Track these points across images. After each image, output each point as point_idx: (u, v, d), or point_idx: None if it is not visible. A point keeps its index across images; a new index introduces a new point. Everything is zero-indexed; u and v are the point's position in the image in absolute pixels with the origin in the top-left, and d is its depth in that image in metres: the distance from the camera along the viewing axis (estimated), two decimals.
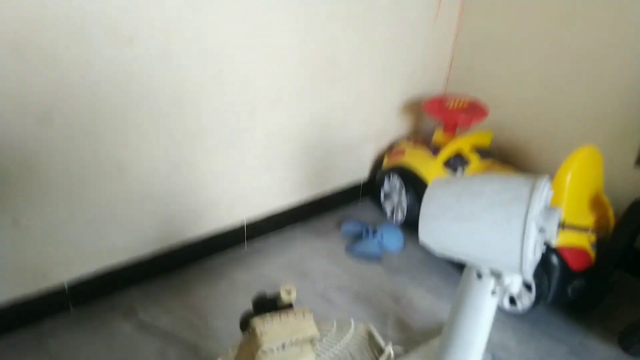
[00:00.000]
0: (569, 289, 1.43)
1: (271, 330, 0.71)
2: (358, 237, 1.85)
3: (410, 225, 1.89)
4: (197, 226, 1.60)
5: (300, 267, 1.70)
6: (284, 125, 1.63)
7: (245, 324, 0.86)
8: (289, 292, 0.81)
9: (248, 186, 1.65)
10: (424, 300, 1.59)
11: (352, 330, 0.81)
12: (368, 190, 2.08)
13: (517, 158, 1.94)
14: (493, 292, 1.02)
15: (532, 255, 0.86)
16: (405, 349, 1.34)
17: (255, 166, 1.63)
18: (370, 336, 0.82)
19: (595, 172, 1.50)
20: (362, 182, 2.05)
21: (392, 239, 1.83)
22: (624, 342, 1.41)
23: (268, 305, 0.84)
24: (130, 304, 1.49)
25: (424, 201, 0.97)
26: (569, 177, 1.39)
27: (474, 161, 1.74)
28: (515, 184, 0.89)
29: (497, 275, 0.97)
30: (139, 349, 1.35)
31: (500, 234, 0.87)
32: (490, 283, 1.00)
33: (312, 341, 0.75)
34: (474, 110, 1.81)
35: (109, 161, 1.29)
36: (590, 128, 1.72)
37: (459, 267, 1.63)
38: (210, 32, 1.31)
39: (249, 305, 1.48)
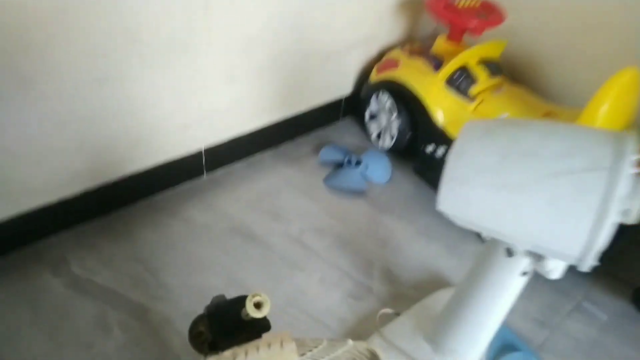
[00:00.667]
0: None
1: None
2: (338, 166, 1.57)
3: (399, 153, 1.62)
4: (142, 156, 1.28)
5: (270, 203, 1.43)
6: (250, 25, 1.25)
7: (197, 339, 0.60)
8: (258, 306, 0.54)
9: (205, 105, 1.31)
10: (414, 244, 1.38)
11: (346, 347, 0.57)
12: (351, 108, 1.77)
13: (530, 75, 1.63)
14: (524, 273, 0.78)
15: (603, 243, 0.61)
16: (397, 311, 1.15)
17: (213, 79, 1.28)
18: (374, 356, 0.58)
19: (632, 101, 1.24)
20: (344, 98, 1.73)
21: (378, 170, 1.57)
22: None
23: (228, 316, 0.58)
24: (60, 255, 1.20)
25: (451, 158, 0.69)
26: (604, 109, 1.12)
27: (482, 78, 1.44)
28: (591, 143, 0.60)
29: (536, 258, 0.73)
30: (73, 313, 1.09)
31: (562, 214, 0.61)
32: (522, 262, 0.77)
33: None
34: (489, 13, 1.46)
35: (9, 73, 0.92)
36: (625, 45, 1.42)
37: None
38: None
39: (209, 255, 1.22)
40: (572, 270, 1.30)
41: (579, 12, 1.47)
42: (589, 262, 0.63)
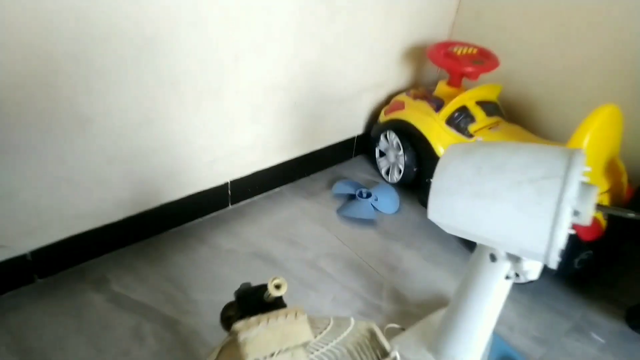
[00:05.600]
0: (576, 260, 1.33)
1: (257, 337, 0.59)
2: (351, 198, 1.72)
3: (407, 186, 1.77)
4: (175, 187, 1.45)
5: (288, 231, 1.58)
6: (272, 72, 1.45)
7: (227, 322, 0.73)
8: (277, 287, 0.68)
9: (231, 142, 1.49)
10: (420, 269, 1.49)
11: (350, 327, 0.69)
12: (362, 146, 1.93)
13: (526, 115, 1.79)
14: (508, 277, 0.90)
15: (562, 241, 0.74)
16: (402, 326, 1.25)
17: (240, 119, 1.46)
18: (373, 335, 0.70)
19: (614, 135, 1.37)
20: (356, 138, 1.90)
21: (387, 201, 1.71)
22: (633, 321, 1.34)
23: (253, 299, 0.71)
24: (102, 274, 1.36)
25: (436, 173, 0.83)
26: (587, 140, 1.25)
27: (480, 118, 1.60)
28: (548, 157, 0.74)
29: (514, 260, 0.85)
30: (112, 325, 1.23)
31: (527, 216, 0.74)
32: (505, 267, 0.89)
33: (305, 346, 0.63)
34: (484, 60, 1.64)
35: (70, 114, 1.11)
36: (608, 85, 1.57)
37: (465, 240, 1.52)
38: None
39: (233, 276, 1.35)
40: (570, 292, 1.40)
41: (567, 57, 1.64)
42: (554, 258, 0.75)
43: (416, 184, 1.72)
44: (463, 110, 1.61)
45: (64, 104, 1.09)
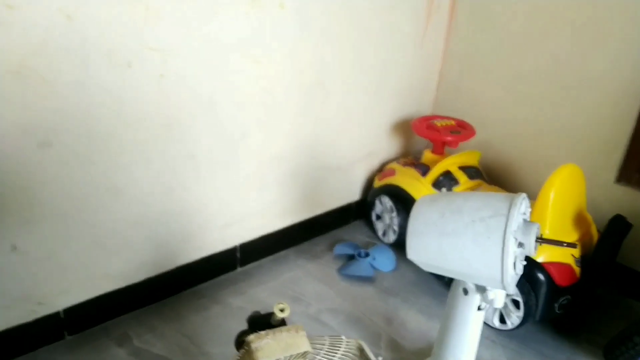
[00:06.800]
0: (556, 305, 1.45)
1: (266, 346, 0.74)
2: (350, 258, 1.87)
3: (402, 245, 1.91)
4: (190, 250, 1.62)
5: (293, 290, 1.72)
6: (275, 147, 1.68)
7: (240, 342, 0.87)
8: (282, 310, 0.83)
9: (240, 209, 1.68)
10: (415, 321, 1.61)
11: (344, 346, 0.84)
12: (360, 211, 2.12)
13: (504, 177, 1.99)
14: (480, 308, 1.04)
15: (513, 269, 0.90)
16: None
17: (247, 188, 1.67)
18: (361, 351, 0.84)
19: (577, 190, 1.55)
20: (353, 203, 2.09)
21: (384, 260, 1.86)
22: (608, 356, 1.43)
23: (262, 322, 0.87)
24: (124, 331, 1.49)
25: (410, 218, 1.01)
26: (552, 195, 1.43)
27: (463, 180, 1.79)
28: (494, 200, 0.93)
29: (481, 290, 1.00)
30: None
31: (481, 248, 0.90)
32: (476, 298, 1.03)
33: (305, 356, 0.77)
34: (462, 130, 1.86)
35: (104, 184, 1.32)
36: (574, 147, 1.78)
37: (449, 287, 1.65)
38: (203, 58, 1.36)
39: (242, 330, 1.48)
40: (556, 337, 1.51)
41: (536, 122, 1.86)
42: (510, 285, 0.90)
43: None
44: (447, 174, 1.80)
45: (100, 177, 1.31)
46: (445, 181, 1.79)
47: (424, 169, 1.85)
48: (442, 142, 1.87)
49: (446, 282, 1.72)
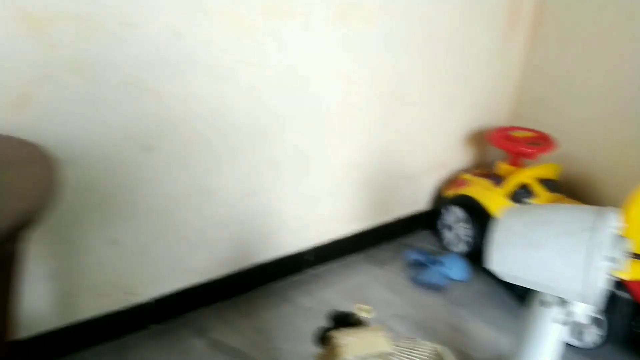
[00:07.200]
0: (634, 323, 1.39)
1: (351, 343, 0.78)
2: (420, 265, 1.88)
3: (473, 256, 1.90)
4: (266, 250, 1.70)
5: (360, 294, 1.75)
6: (352, 154, 1.73)
7: (322, 338, 0.92)
8: (367, 311, 0.87)
9: (314, 213, 1.75)
10: (484, 333, 1.59)
11: (427, 349, 0.86)
12: (428, 220, 2.12)
13: (586, 192, 1.92)
14: (561, 322, 1.03)
15: (597, 283, 0.88)
16: None
17: (323, 194, 1.73)
18: (440, 357, 0.86)
19: None
20: (422, 212, 2.10)
21: (456, 269, 1.85)
22: None
23: (344, 321, 0.91)
24: (202, 323, 1.59)
25: (495, 229, 1.02)
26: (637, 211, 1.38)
27: (541, 194, 1.74)
28: (582, 213, 0.92)
29: (562, 304, 0.99)
30: None
31: (566, 261, 0.90)
32: (554, 311, 1.02)
33: (387, 356, 0.81)
34: (541, 142, 1.82)
35: (196, 186, 1.43)
36: None
37: (521, 300, 1.62)
38: (293, 69, 1.44)
39: (311, 329, 1.54)
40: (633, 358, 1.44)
41: (623, 141, 1.78)
42: (592, 299, 0.89)
43: (480, 255, 1.85)
44: (524, 186, 1.77)
45: (194, 180, 1.41)
46: (523, 193, 1.75)
47: (498, 180, 1.82)
48: (519, 154, 1.84)
49: (519, 295, 1.68)
